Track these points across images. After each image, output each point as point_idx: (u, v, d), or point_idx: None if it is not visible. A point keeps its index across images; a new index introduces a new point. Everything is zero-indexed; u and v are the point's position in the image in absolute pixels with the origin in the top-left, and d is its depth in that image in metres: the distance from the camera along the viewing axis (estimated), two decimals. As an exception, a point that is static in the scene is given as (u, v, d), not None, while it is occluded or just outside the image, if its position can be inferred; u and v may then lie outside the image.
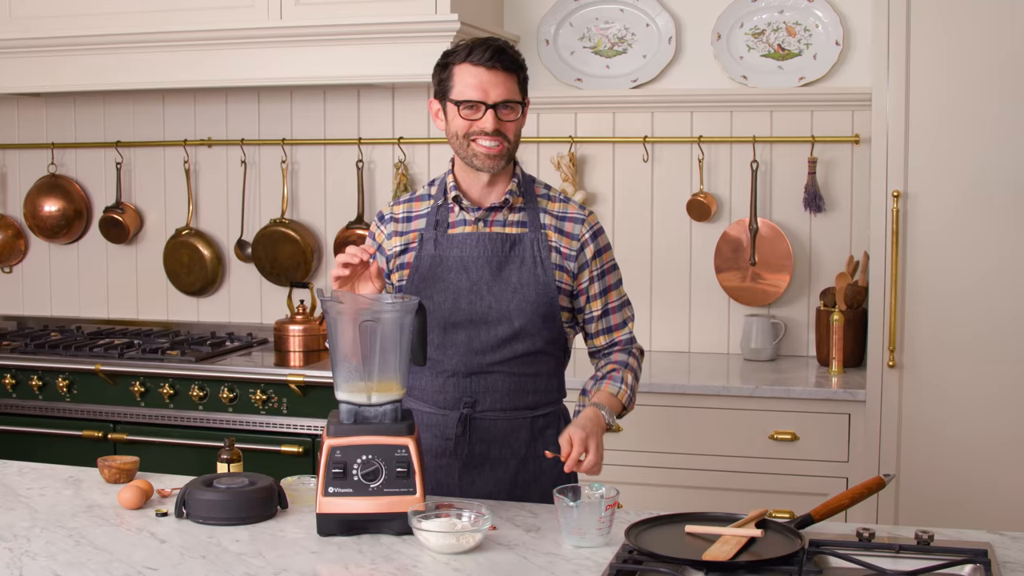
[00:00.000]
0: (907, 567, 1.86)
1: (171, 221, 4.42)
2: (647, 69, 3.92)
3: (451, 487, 2.42)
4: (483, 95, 2.30)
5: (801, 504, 3.03)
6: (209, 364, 3.75)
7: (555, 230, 2.41)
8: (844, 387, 3.36)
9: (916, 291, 3.29)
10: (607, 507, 2.02)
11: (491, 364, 2.39)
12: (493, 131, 2.31)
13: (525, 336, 2.38)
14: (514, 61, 2.34)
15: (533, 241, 2.39)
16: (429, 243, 2.41)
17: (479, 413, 2.40)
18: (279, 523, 2.16)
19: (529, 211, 2.42)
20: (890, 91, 3.27)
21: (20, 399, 3.88)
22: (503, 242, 2.39)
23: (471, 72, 2.31)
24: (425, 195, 2.48)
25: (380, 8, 3.64)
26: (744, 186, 3.86)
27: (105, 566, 1.93)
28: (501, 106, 2.31)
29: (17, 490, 2.38)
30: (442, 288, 2.38)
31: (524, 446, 2.42)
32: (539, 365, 2.43)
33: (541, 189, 2.47)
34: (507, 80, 2.31)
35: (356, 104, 4.19)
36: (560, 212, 2.44)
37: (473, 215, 2.40)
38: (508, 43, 2.37)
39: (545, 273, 2.38)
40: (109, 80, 3.91)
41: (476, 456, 2.41)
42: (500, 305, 2.36)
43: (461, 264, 2.38)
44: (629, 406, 2.42)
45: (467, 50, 2.32)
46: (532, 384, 2.42)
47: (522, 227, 2.41)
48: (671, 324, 3.97)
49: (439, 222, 2.43)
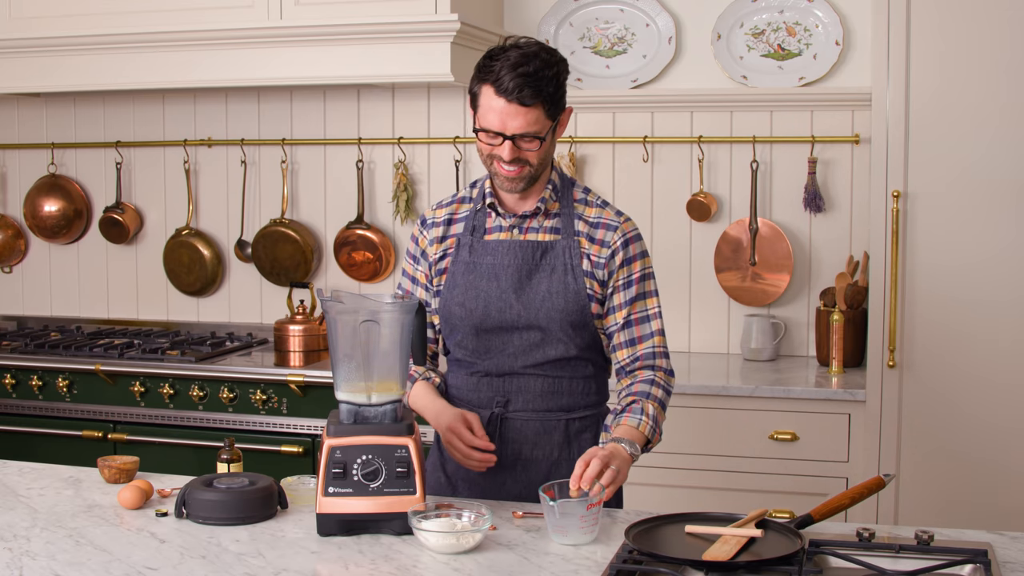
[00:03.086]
0: (907, 567, 1.86)
1: (171, 221, 4.42)
2: (647, 69, 3.92)
3: (483, 487, 2.40)
4: (501, 126, 2.24)
5: (801, 504, 3.03)
6: (209, 364, 3.75)
7: (587, 237, 2.37)
8: (844, 387, 3.36)
9: (916, 291, 3.29)
10: (589, 506, 2.02)
11: (524, 367, 2.38)
12: (510, 160, 2.27)
13: (557, 343, 2.36)
14: (539, 90, 2.22)
15: (565, 249, 2.36)
16: (465, 249, 2.40)
17: (511, 413, 2.39)
18: (279, 523, 2.16)
19: (564, 217, 2.38)
20: (890, 91, 3.27)
21: (20, 399, 3.88)
22: (534, 250, 2.36)
23: (493, 100, 2.23)
24: (467, 197, 2.46)
25: (380, 8, 3.64)
26: (744, 186, 3.86)
27: (105, 566, 1.93)
28: (519, 137, 2.25)
29: (17, 490, 2.38)
30: (474, 295, 2.37)
31: (557, 448, 2.40)
32: (574, 369, 2.40)
33: (579, 194, 2.42)
34: (528, 113, 2.23)
35: (356, 104, 4.19)
36: (595, 219, 2.38)
37: (508, 221, 2.39)
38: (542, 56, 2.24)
39: (576, 281, 2.34)
40: (109, 80, 3.91)
41: (508, 456, 2.39)
42: (528, 313, 2.34)
43: (492, 271, 2.37)
44: (654, 438, 2.30)
45: (498, 69, 2.22)
46: (568, 386, 2.40)
47: (555, 234, 2.37)
48: (671, 324, 3.96)
49: (476, 227, 2.41)
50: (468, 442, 2.30)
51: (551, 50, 2.29)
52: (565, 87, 2.31)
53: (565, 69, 2.31)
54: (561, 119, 2.33)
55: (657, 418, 2.30)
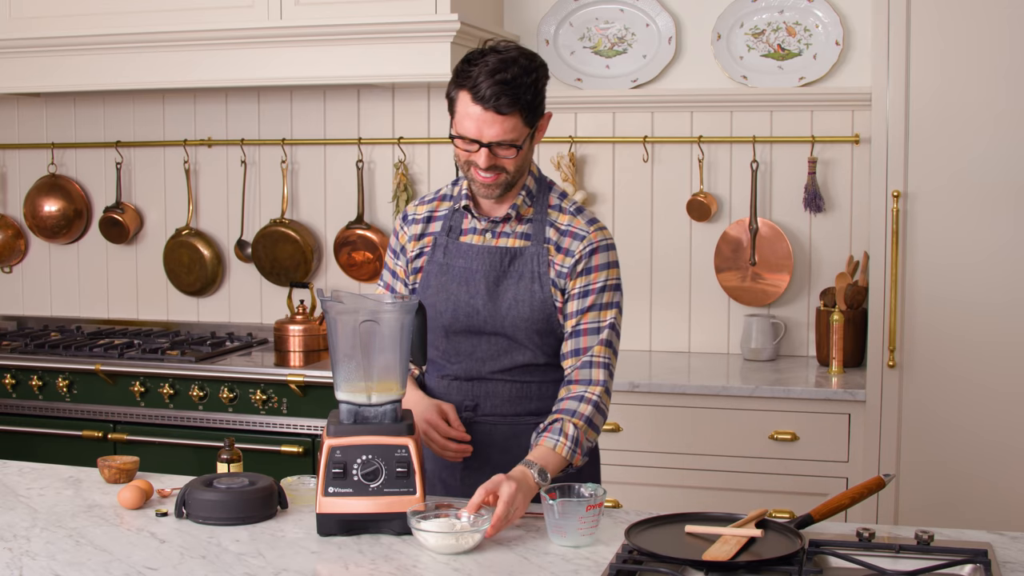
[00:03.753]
0: (907, 567, 1.86)
1: (171, 221, 4.42)
2: (647, 69, 3.91)
3: (454, 488, 2.42)
4: (477, 134, 2.22)
5: (801, 504, 3.04)
6: (209, 364, 3.75)
7: (555, 246, 2.34)
8: (844, 387, 3.36)
9: (916, 291, 3.29)
10: (588, 507, 2.02)
11: (492, 372, 2.39)
12: (487, 168, 2.26)
13: (524, 349, 2.36)
14: (516, 99, 2.20)
15: (534, 256, 2.35)
16: (440, 250, 2.40)
17: (480, 417, 2.40)
18: (279, 523, 2.16)
19: (536, 223, 2.36)
20: (890, 91, 3.27)
21: (20, 399, 3.88)
22: (503, 256, 2.36)
23: (470, 107, 2.21)
24: (448, 195, 2.46)
25: (380, 8, 3.64)
26: (744, 186, 3.86)
27: (105, 566, 1.93)
28: (496, 145, 2.23)
29: (17, 490, 2.38)
30: (445, 298, 2.37)
31: (525, 452, 2.39)
32: (544, 374, 2.40)
33: (555, 199, 2.39)
34: (505, 121, 2.20)
35: (356, 104, 4.19)
36: (565, 226, 2.35)
37: (482, 224, 2.39)
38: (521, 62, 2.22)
39: (542, 289, 2.33)
40: (109, 80, 3.91)
41: (477, 459, 2.40)
42: (495, 320, 2.34)
43: (464, 275, 2.37)
44: (573, 459, 2.22)
45: (476, 75, 2.20)
46: (537, 391, 2.41)
47: (526, 240, 2.36)
48: (671, 324, 3.97)
49: (452, 228, 2.41)
50: (444, 433, 2.32)
51: (531, 55, 2.27)
52: (544, 93, 2.29)
53: (544, 75, 2.29)
54: (540, 125, 2.30)
55: (578, 439, 2.22)
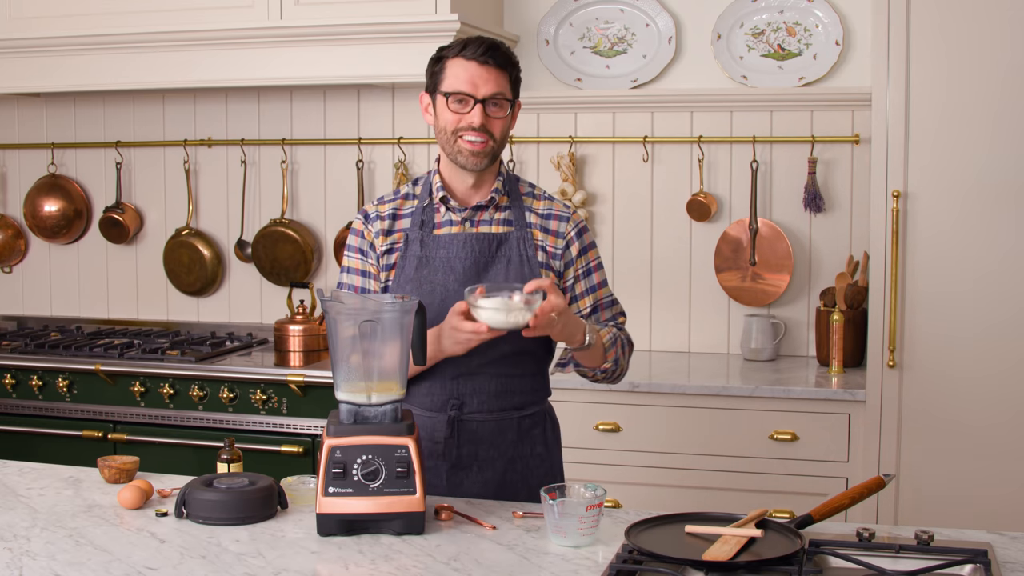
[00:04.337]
0: (907, 567, 1.86)
1: (171, 221, 4.42)
2: (647, 69, 3.92)
3: (439, 488, 2.42)
4: (472, 88, 2.31)
5: (801, 504, 3.04)
6: (209, 364, 3.75)
7: (541, 228, 2.43)
8: (844, 387, 3.36)
9: (916, 291, 3.29)
10: (588, 507, 2.02)
11: (479, 365, 2.39)
12: (479, 126, 2.31)
13: (512, 334, 2.36)
14: (507, 59, 2.35)
15: (519, 240, 2.41)
16: (415, 243, 2.41)
17: (466, 415, 2.41)
18: (279, 523, 2.16)
19: (515, 209, 2.43)
20: (890, 91, 3.27)
21: (20, 399, 3.88)
22: (489, 242, 2.40)
23: (463, 66, 2.32)
24: (410, 194, 2.47)
25: (380, 8, 3.64)
26: (744, 186, 3.86)
27: (105, 566, 1.93)
28: (490, 102, 2.32)
29: (17, 490, 2.38)
30: (429, 290, 2.38)
31: (511, 447, 2.43)
32: (524, 365, 2.43)
33: (526, 188, 2.48)
34: (498, 76, 2.33)
35: (356, 104, 4.19)
36: (545, 210, 2.45)
37: (460, 215, 2.41)
38: (504, 43, 2.39)
39: (532, 272, 2.39)
40: (109, 80, 3.91)
41: (464, 457, 2.41)
42: None
43: (447, 265, 2.38)
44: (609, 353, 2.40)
45: (461, 45, 2.34)
46: (519, 384, 2.43)
47: (508, 226, 2.42)
48: (671, 324, 3.97)
49: (424, 222, 2.43)
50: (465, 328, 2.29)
51: None
52: (520, 80, 2.42)
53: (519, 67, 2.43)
54: (516, 106, 2.41)
55: (615, 344, 2.41)
